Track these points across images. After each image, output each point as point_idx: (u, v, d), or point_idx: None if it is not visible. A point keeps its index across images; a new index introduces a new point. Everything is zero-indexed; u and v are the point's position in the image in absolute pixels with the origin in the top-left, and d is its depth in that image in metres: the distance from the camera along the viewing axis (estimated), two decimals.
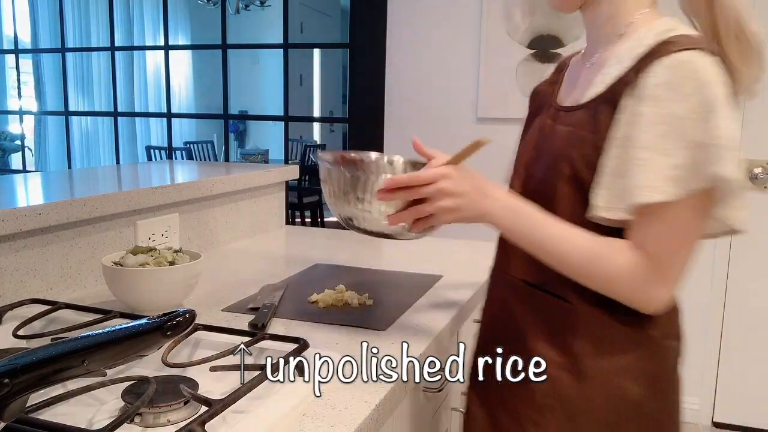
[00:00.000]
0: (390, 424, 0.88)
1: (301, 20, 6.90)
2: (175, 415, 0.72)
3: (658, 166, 0.76)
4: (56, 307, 0.98)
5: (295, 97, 7.02)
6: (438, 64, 2.67)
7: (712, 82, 0.75)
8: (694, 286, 2.52)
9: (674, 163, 0.76)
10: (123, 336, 0.58)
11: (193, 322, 0.62)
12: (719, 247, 2.47)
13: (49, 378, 0.55)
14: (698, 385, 2.57)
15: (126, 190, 1.25)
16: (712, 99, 0.74)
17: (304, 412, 0.72)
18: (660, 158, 0.76)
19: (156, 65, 7.13)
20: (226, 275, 1.33)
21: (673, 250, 0.79)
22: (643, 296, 0.81)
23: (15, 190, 1.30)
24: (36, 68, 6.41)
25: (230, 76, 3.67)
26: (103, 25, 6.47)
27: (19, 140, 5.98)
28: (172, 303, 1.03)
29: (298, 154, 6.46)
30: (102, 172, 1.68)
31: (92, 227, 1.20)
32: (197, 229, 1.51)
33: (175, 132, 6.80)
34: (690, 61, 0.76)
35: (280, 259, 1.55)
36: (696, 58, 0.76)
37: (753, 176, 2.40)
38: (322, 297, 1.12)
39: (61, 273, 1.14)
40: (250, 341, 0.85)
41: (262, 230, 1.80)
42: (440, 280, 1.30)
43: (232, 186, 1.60)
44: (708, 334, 2.53)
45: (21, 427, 0.61)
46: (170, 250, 1.08)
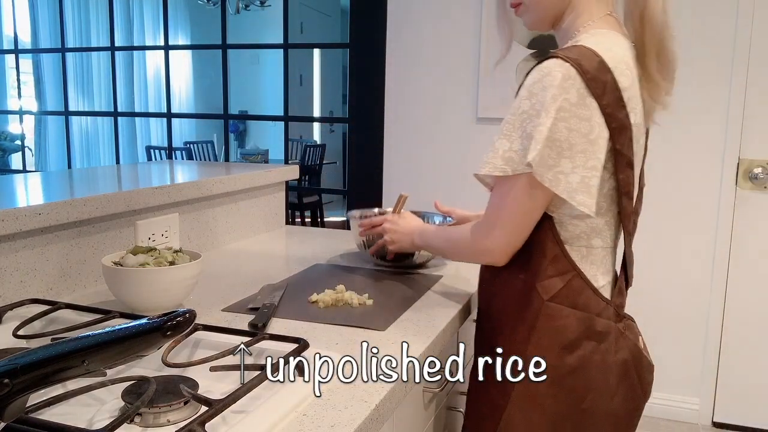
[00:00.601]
0: (390, 424, 0.88)
1: (301, 20, 6.90)
2: (175, 415, 0.72)
3: (500, 148, 0.93)
4: (56, 307, 0.98)
5: (295, 97, 7.02)
6: (438, 64, 2.67)
7: (552, 86, 0.88)
8: (694, 286, 2.52)
9: (510, 147, 0.93)
10: (123, 336, 0.58)
11: (193, 322, 0.62)
12: (719, 247, 2.47)
13: (49, 378, 0.55)
14: (698, 385, 2.57)
15: (126, 190, 1.25)
16: (546, 100, 0.88)
17: (304, 412, 0.72)
18: (503, 142, 0.93)
19: (156, 65, 7.13)
20: (226, 275, 1.33)
21: (502, 213, 0.96)
22: (479, 246, 1.01)
23: (15, 190, 1.30)
24: (36, 68, 6.41)
25: (230, 76, 3.67)
26: (103, 25, 6.47)
27: (19, 140, 5.98)
28: (172, 303, 1.03)
29: (298, 154, 6.46)
30: (102, 172, 1.68)
31: (92, 227, 1.20)
32: (197, 229, 1.51)
33: (175, 132, 6.80)
34: (546, 67, 0.90)
35: (280, 259, 1.55)
36: (551, 65, 0.90)
37: (753, 176, 2.40)
38: (322, 297, 1.12)
39: (61, 273, 1.14)
40: (250, 341, 0.85)
41: (262, 230, 1.80)
42: (440, 280, 1.30)
43: (232, 186, 1.60)
44: (708, 334, 2.53)
45: (21, 427, 0.61)
46: (170, 250, 1.08)
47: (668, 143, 2.45)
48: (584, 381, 0.96)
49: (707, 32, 2.36)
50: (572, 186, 0.90)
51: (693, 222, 2.49)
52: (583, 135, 0.89)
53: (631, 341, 1.00)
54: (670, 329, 2.57)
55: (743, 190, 2.43)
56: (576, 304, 0.96)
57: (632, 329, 1.02)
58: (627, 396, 1.00)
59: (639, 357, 1.01)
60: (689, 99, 2.41)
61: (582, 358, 0.96)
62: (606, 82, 0.90)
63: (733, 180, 2.42)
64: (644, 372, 1.03)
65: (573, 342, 0.95)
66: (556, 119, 0.88)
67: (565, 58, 0.89)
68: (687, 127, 2.44)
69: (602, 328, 0.97)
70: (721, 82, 2.38)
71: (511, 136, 0.92)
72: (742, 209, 2.44)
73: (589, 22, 0.98)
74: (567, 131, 0.88)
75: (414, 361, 0.87)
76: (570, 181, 0.90)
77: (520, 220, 0.95)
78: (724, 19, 2.35)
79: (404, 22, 2.71)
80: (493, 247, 0.98)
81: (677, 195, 2.48)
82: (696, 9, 2.36)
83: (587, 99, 0.89)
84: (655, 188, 1.94)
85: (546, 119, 0.88)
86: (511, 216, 0.95)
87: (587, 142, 0.89)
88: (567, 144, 0.89)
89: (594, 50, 0.91)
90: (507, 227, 0.96)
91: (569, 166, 0.89)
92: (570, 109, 0.88)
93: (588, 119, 0.89)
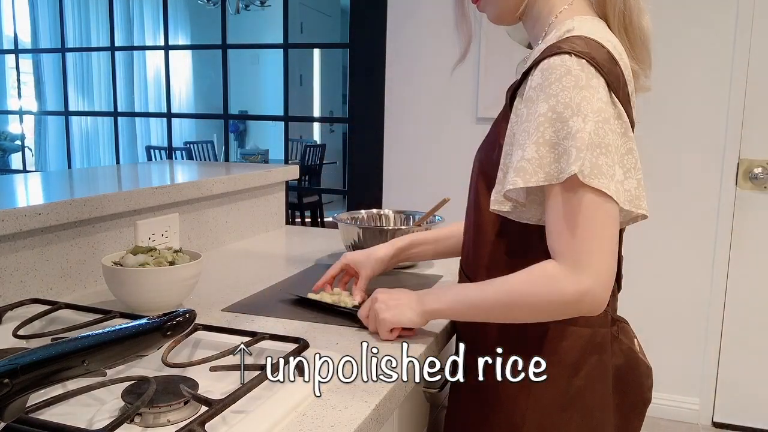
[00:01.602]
0: (390, 424, 0.88)
1: (301, 20, 6.90)
2: (175, 415, 0.72)
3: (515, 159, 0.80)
4: (56, 307, 0.98)
5: (295, 97, 7.01)
6: (438, 64, 2.67)
7: (578, 86, 0.77)
8: (694, 286, 2.52)
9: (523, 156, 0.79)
10: (123, 336, 0.58)
11: (193, 322, 0.62)
12: (719, 247, 2.47)
13: (49, 378, 0.55)
14: (698, 385, 2.57)
15: (126, 190, 1.25)
16: (576, 102, 0.77)
17: (304, 412, 0.72)
18: (518, 152, 0.80)
19: (156, 65, 7.13)
20: (226, 275, 1.33)
21: (585, 244, 0.77)
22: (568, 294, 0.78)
23: (15, 190, 1.30)
24: (36, 68, 6.41)
25: (230, 76, 3.67)
26: (103, 25, 6.47)
27: (19, 140, 5.98)
28: (172, 303, 1.03)
29: (298, 154, 6.46)
30: (102, 172, 1.68)
31: (92, 227, 1.20)
32: (197, 229, 1.51)
33: (175, 132, 6.80)
34: (557, 66, 0.79)
35: (280, 259, 1.55)
36: (563, 62, 0.79)
37: (753, 176, 2.40)
38: (322, 296, 1.12)
39: (61, 273, 1.14)
40: (250, 341, 0.85)
41: (262, 230, 1.80)
42: (440, 280, 1.30)
43: (232, 186, 1.60)
44: (708, 334, 2.53)
45: (21, 427, 0.61)
46: (170, 250, 1.08)
47: (668, 143, 2.45)
48: (593, 398, 0.90)
49: (707, 33, 2.36)
50: (632, 194, 0.79)
51: (693, 222, 2.49)
52: (621, 135, 0.80)
53: (625, 345, 0.94)
54: (670, 329, 2.57)
55: (743, 190, 2.43)
56: (577, 320, 0.88)
57: (626, 332, 0.96)
58: (625, 403, 0.95)
59: (635, 361, 0.95)
60: (689, 99, 2.41)
61: (589, 376, 0.89)
62: (618, 76, 0.82)
63: (733, 180, 2.42)
64: (641, 377, 0.97)
65: (578, 361, 0.89)
66: (599, 121, 0.77)
67: (578, 53, 0.79)
68: (687, 127, 2.44)
69: (601, 338, 0.90)
70: (721, 82, 2.38)
71: (525, 144, 0.80)
72: (742, 209, 2.44)
73: (565, 6, 0.88)
74: (612, 134, 0.78)
75: (414, 361, 0.87)
76: (628, 189, 0.79)
77: (608, 248, 0.78)
78: (724, 20, 2.35)
79: (404, 22, 2.71)
80: (591, 292, 0.77)
81: (677, 195, 2.48)
82: (696, 10, 2.36)
83: (612, 95, 0.80)
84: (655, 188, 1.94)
85: (584, 124, 0.76)
86: (600, 245, 0.77)
87: (627, 140, 0.80)
88: (614, 148, 0.78)
89: (598, 41, 0.82)
90: (599, 262, 0.77)
91: (621, 172, 0.79)
92: (607, 109, 0.78)
93: (620, 116, 0.80)
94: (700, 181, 2.46)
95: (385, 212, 1.59)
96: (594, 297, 0.78)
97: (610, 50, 0.82)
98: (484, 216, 0.93)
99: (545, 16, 0.91)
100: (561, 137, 0.77)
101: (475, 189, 0.97)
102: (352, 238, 1.40)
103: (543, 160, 0.78)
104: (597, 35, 0.83)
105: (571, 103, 0.77)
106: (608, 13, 0.88)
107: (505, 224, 0.90)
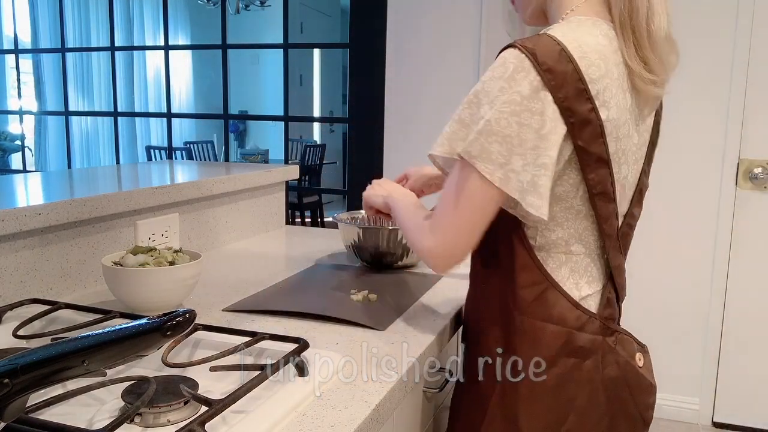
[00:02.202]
0: (390, 424, 0.88)
1: (301, 20, 6.90)
2: (175, 415, 0.72)
3: (445, 130, 0.89)
4: (56, 307, 0.98)
5: (295, 97, 7.01)
6: (438, 64, 2.67)
7: (502, 77, 0.83)
8: (694, 286, 2.52)
9: (449, 131, 0.88)
10: (123, 336, 0.58)
11: (193, 322, 0.62)
12: (719, 247, 2.47)
13: (49, 378, 0.55)
14: (698, 385, 2.57)
15: (126, 190, 1.25)
16: (493, 91, 0.84)
17: (304, 412, 0.72)
18: (448, 124, 0.89)
19: (156, 65, 7.13)
20: (226, 275, 1.33)
21: (448, 214, 0.88)
22: (419, 247, 0.92)
23: (15, 190, 1.30)
24: (36, 68, 6.41)
25: (230, 76, 3.67)
26: (103, 25, 6.47)
27: (19, 140, 5.98)
28: (172, 303, 1.03)
29: (298, 154, 6.46)
30: (102, 172, 1.68)
31: (92, 227, 1.20)
32: (197, 229, 1.51)
33: (175, 132, 6.81)
34: (501, 57, 0.85)
35: (280, 259, 1.55)
36: (507, 55, 0.84)
37: (753, 176, 2.40)
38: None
39: (61, 273, 1.14)
40: (250, 341, 0.85)
41: (262, 230, 1.80)
42: (440, 279, 1.30)
43: (232, 186, 1.60)
44: (708, 334, 2.53)
45: (21, 427, 0.61)
46: (170, 250, 1.08)
47: (668, 143, 2.45)
48: (563, 400, 0.89)
49: (707, 32, 2.37)
50: (523, 185, 0.82)
51: (693, 222, 2.49)
52: (535, 130, 0.81)
53: (622, 357, 0.91)
54: (669, 329, 2.57)
55: (743, 190, 2.43)
56: (550, 318, 0.89)
57: (626, 344, 0.93)
58: (619, 419, 0.92)
59: (634, 376, 0.93)
60: (689, 99, 2.41)
61: (559, 377, 0.88)
62: (566, 73, 0.82)
63: (733, 180, 2.42)
64: (641, 394, 0.94)
65: (549, 359, 0.89)
66: (503, 113, 0.81)
67: (521, 48, 0.83)
68: (687, 127, 2.44)
69: (585, 344, 0.89)
70: (721, 82, 2.38)
71: (454, 119, 0.89)
72: (742, 209, 2.44)
73: (570, 9, 0.91)
74: (518, 126, 0.81)
75: (414, 361, 0.87)
76: (521, 180, 0.82)
77: (466, 224, 0.86)
78: (724, 19, 2.35)
79: (404, 22, 2.71)
80: (433, 252, 0.89)
81: (677, 195, 2.48)
82: (696, 9, 2.36)
83: (541, 92, 0.81)
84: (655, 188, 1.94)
85: (489, 111, 0.82)
86: (458, 218, 0.86)
87: (538, 137, 0.81)
88: (518, 140, 0.81)
89: (557, 39, 0.83)
90: (450, 231, 0.87)
91: (520, 164, 0.82)
92: (521, 102, 0.81)
93: (541, 113, 0.81)
94: (700, 181, 2.46)
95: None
96: (434, 258, 0.90)
97: (567, 48, 0.83)
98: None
99: (557, 19, 0.94)
100: (472, 120, 0.86)
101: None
102: (352, 238, 1.41)
103: (453, 136, 0.87)
104: (566, 36, 0.84)
105: (491, 91, 0.84)
106: (613, 13, 0.89)
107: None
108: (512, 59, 0.83)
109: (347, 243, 1.43)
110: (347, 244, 1.43)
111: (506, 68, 0.83)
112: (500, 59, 0.85)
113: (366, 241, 1.37)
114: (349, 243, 1.42)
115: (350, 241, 1.41)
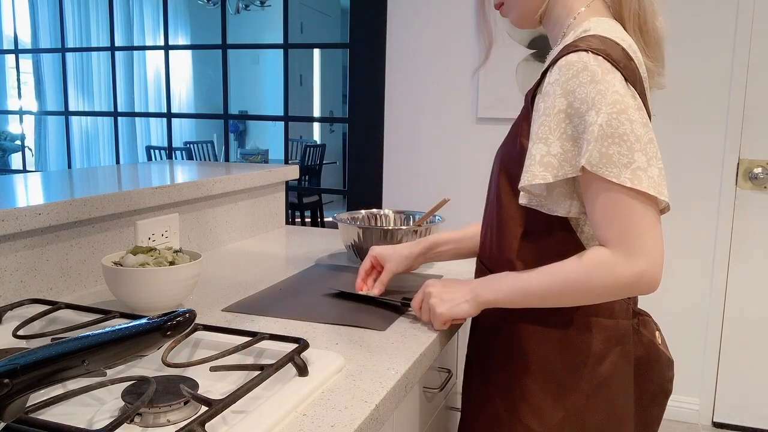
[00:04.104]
0: (390, 424, 0.88)
1: (301, 20, 6.91)
2: (175, 415, 0.72)
3: (537, 153, 0.84)
4: (56, 307, 0.98)
5: (295, 97, 7.02)
6: (438, 64, 2.67)
7: (595, 81, 0.81)
8: (694, 286, 2.52)
9: (549, 151, 0.83)
10: (123, 336, 0.58)
11: (193, 322, 0.62)
12: (719, 246, 2.47)
13: (49, 378, 0.55)
14: (698, 385, 2.57)
15: (126, 190, 1.25)
16: (592, 97, 0.81)
17: (304, 412, 0.72)
18: (540, 146, 0.84)
19: (156, 65, 7.13)
20: (226, 275, 1.33)
21: (631, 229, 0.82)
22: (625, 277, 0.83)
23: (15, 190, 1.30)
24: (36, 68, 6.41)
25: (230, 76, 3.67)
26: (103, 25, 6.47)
27: (19, 140, 5.98)
28: (172, 303, 1.03)
29: (298, 154, 6.46)
30: (102, 172, 1.68)
31: (92, 227, 1.20)
32: (197, 229, 1.51)
33: (175, 132, 6.81)
34: (574, 62, 0.83)
35: (280, 259, 1.55)
36: (584, 59, 0.82)
37: (753, 176, 2.40)
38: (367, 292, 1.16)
39: (61, 273, 1.14)
40: (250, 341, 0.85)
41: (262, 230, 1.80)
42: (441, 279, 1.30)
43: (232, 186, 1.60)
44: (708, 334, 2.53)
45: (21, 427, 0.61)
46: (170, 250, 1.08)
47: (668, 143, 2.45)
48: (617, 386, 0.93)
49: (707, 32, 2.36)
50: (655, 180, 0.81)
51: (693, 222, 2.49)
52: (644, 125, 0.82)
53: (646, 337, 0.96)
54: (670, 329, 2.57)
55: (743, 190, 2.43)
56: (601, 311, 0.92)
57: (647, 325, 0.98)
58: (645, 392, 0.97)
59: (656, 353, 0.98)
60: (689, 99, 2.41)
61: (613, 365, 0.92)
62: (634, 71, 0.85)
63: (733, 180, 2.42)
64: (662, 368, 0.99)
65: (603, 350, 0.92)
66: (612, 113, 0.80)
67: (594, 50, 0.82)
68: (687, 127, 2.44)
69: (624, 330, 0.94)
70: (721, 82, 2.38)
71: (548, 139, 0.84)
72: (742, 209, 2.44)
73: (582, 8, 0.93)
74: (629, 123, 0.80)
75: (414, 361, 0.86)
76: (651, 176, 0.81)
77: (657, 231, 0.82)
78: (724, 19, 2.35)
79: (404, 22, 2.71)
80: (647, 273, 0.82)
81: (677, 195, 2.48)
82: (696, 9, 2.36)
83: (631, 89, 0.83)
84: None
85: (597, 117, 0.80)
86: (650, 230, 0.82)
87: (650, 130, 0.83)
88: (634, 137, 0.80)
89: (613, 39, 0.85)
90: (652, 244, 0.82)
91: (644, 159, 0.81)
92: (624, 101, 0.81)
93: (640, 108, 0.83)
94: (700, 180, 2.46)
95: (385, 212, 1.59)
96: (650, 276, 0.82)
97: (624, 48, 0.86)
98: (507, 210, 0.96)
99: (564, 18, 0.95)
100: (580, 131, 0.82)
101: (497, 184, 0.99)
102: (352, 238, 1.41)
103: (567, 155, 0.83)
104: (612, 35, 0.86)
105: (587, 98, 0.81)
106: (624, 14, 0.92)
107: (529, 217, 0.93)
108: (592, 63, 0.82)
109: (347, 243, 1.43)
110: (347, 244, 1.43)
111: (591, 72, 0.82)
112: (574, 68, 0.82)
113: (366, 241, 1.37)
114: (349, 243, 1.42)
115: (350, 241, 1.42)
